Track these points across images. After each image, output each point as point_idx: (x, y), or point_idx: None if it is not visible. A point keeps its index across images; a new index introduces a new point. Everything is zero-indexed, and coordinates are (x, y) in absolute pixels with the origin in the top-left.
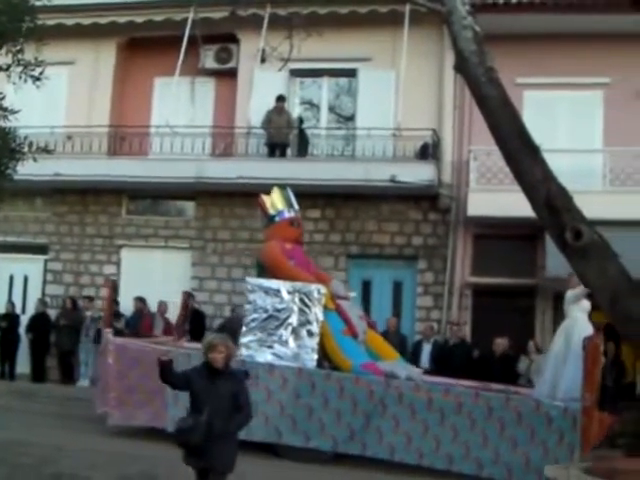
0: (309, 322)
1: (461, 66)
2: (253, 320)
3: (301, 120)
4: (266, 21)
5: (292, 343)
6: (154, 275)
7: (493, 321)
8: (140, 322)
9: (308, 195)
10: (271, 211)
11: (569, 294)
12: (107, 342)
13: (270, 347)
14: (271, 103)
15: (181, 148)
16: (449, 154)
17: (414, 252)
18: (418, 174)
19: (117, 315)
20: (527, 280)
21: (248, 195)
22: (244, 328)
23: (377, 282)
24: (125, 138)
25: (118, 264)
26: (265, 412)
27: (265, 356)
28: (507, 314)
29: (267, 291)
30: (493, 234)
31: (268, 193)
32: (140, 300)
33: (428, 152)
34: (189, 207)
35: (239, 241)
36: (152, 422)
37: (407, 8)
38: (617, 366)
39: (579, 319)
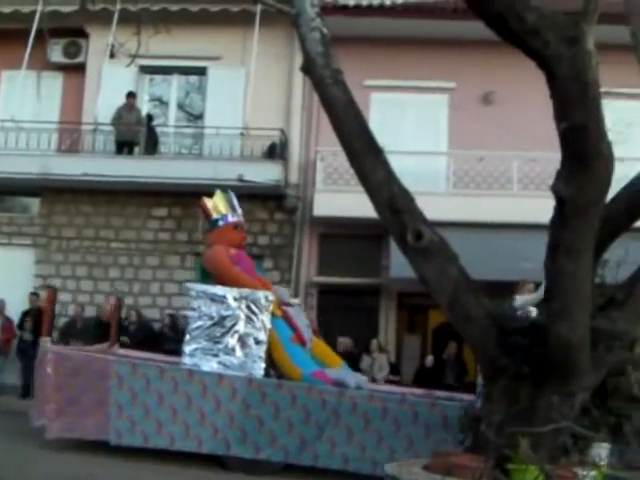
0: (256, 330)
1: (308, 67)
2: (197, 328)
3: (150, 117)
4: (116, 16)
5: (239, 351)
6: None
7: (338, 320)
8: None
9: (155, 193)
10: (214, 215)
11: (518, 300)
12: (45, 351)
13: (215, 356)
14: (120, 99)
15: (26, 143)
16: (296, 154)
17: (260, 251)
18: (265, 174)
19: None
20: (372, 280)
21: (94, 192)
22: (187, 336)
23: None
24: None
25: None
26: (214, 423)
27: (210, 365)
28: (352, 313)
29: (212, 298)
30: (339, 234)
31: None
32: None
33: (276, 152)
34: (34, 204)
35: (84, 239)
36: (94, 434)
37: (258, 8)
38: (459, 365)
39: None
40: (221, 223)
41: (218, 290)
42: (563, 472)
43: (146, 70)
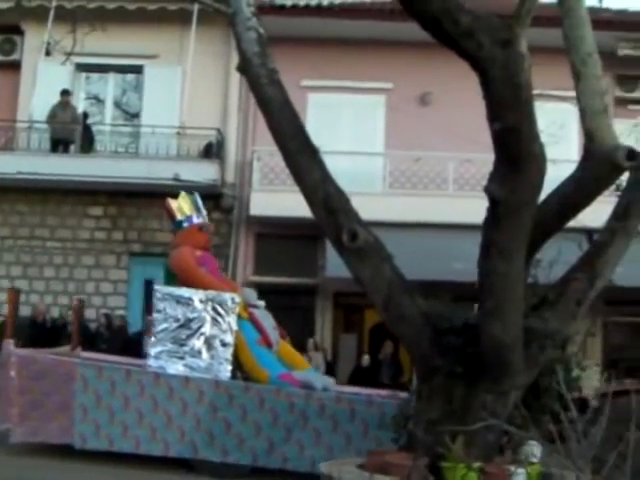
0: (223, 332)
1: (244, 67)
2: (163, 330)
3: (86, 115)
4: (52, 13)
5: (205, 354)
6: None
7: (275, 319)
8: None
9: (90, 192)
10: (179, 216)
11: None
12: (9, 354)
13: (181, 358)
14: (55, 97)
15: None
16: (233, 154)
17: None
18: (202, 173)
19: None
20: (308, 280)
21: (29, 191)
22: (153, 338)
23: (160, 281)
24: None
25: None
26: (181, 426)
27: (176, 367)
28: (288, 313)
29: (178, 300)
30: (275, 234)
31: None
32: None
33: (212, 151)
34: None
35: (19, 238)
36: (59, 438)
37: (195, 7)
38: (395, 365)
39: None
40: (186, 225)
41: (184, 292)
42: (495, 470)
43: (82, 68)
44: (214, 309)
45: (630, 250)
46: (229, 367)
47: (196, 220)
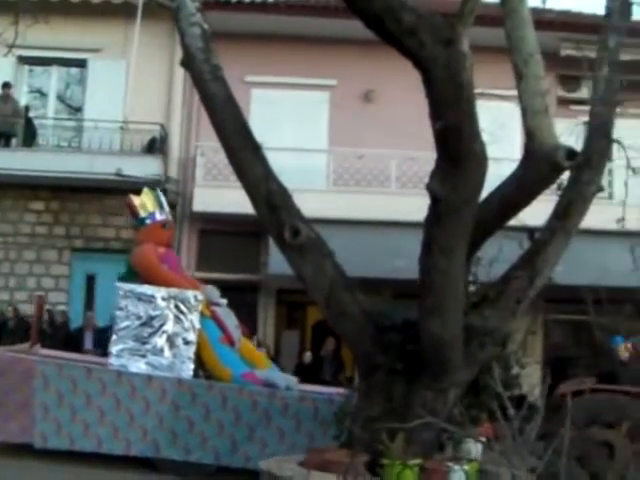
0: (185, 330)
1: (187, 62)
2: (125, 328)
3: (27, 109)
4: None
5: (167, 352)
6: None
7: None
8: None
9: (32, 186)
10: (142, 213)
11: None
12: None
13: (143, 356)
14: None
15: None
16: (176, 149)
17: None
18: (145, 168)
19: None
20: (251, 276)
21: None
22: (114, 336)
23: (102, 276)
24: None
25: None
26: (143, 425)
27: (138, 365)
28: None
29: (140, 297)
30: (218, 230)
31: None
32: None
33: (155, 146)
34: None
35: None
36: (18, 437)
37: (140, 1)
38: (337, 361)
39: None
40: (149, 221)
41: (146, 289)
42: (434, 466)
43: (25, 61)
44: (176, 307)
45: (569, 249)
46: (191, 365)
47: (159, 217)
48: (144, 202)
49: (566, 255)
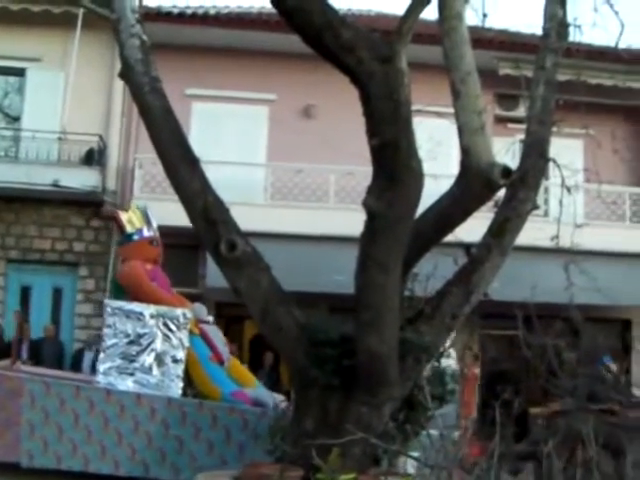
0: (174, 348)
1: (126, 74)
2: (112, 346)
3: None
4: None
5: (156, 370)
6: None
7: None
8: None
9: None
10: (129, 229)
11: None
12: None
13: (131, 374)
14: None
15: None
16: (115, 161)
17: (75, 259)
18: (82, 180)
19: None
20: (189, 289)
21: None
22: (102, 354)
23: (37, 288)
24: None
25: None
26: (131, 444)
27: (126, 384)
28: None
29: (128, 315)
30: None
31: None
32: None
33: (93, 158)
34: None
35: None
36: (3, 456)
37: (80, 11)
38: (275, 375)
39: None
40: (136, 237)
41: (135, 307)
42: None
43: None
44: (165, 325)
45: (505, 265)
46: (180, 384)
47: (147, 233)
48: (131, 218)
49: (501, 271)
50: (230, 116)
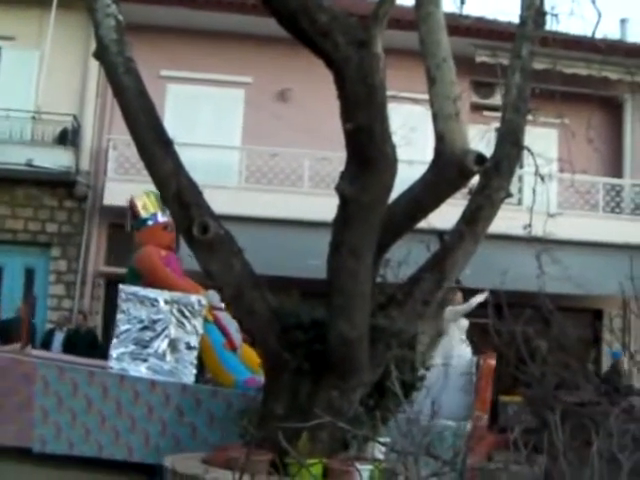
0: (188, 334)
1: (100, 54)
2: (126, 331)
3: None
4: None
5: (169, 356)
6: None
7: None
8: None
9: None
10: (143, 214)
11: (448, 311)
12: None
13: (145, 360)
14: None
15: None
16: (88, 141)
17: (48, 239)
18: (56, 160)
19: None
20: None
21: None
22: (115, 339)
23: (9, 268)
24: None
25: None
26: (145, 430)
27: (139, 369)
28: None
29: (142, 300)
30: None
31: None
32: None
33: (67, 138)
34: None
35: None
36: (16, 441)
37: None
38: None
39: (456, 338)
40: (150, 222)
41: (149, 293)
42: (338, 465)
43: None
44: (180, 311)
45: (477, 253)
46: (193, 370)
47: (161, 219)
48: (146, 203)
49: (474, 259)
50: (205, 98)
